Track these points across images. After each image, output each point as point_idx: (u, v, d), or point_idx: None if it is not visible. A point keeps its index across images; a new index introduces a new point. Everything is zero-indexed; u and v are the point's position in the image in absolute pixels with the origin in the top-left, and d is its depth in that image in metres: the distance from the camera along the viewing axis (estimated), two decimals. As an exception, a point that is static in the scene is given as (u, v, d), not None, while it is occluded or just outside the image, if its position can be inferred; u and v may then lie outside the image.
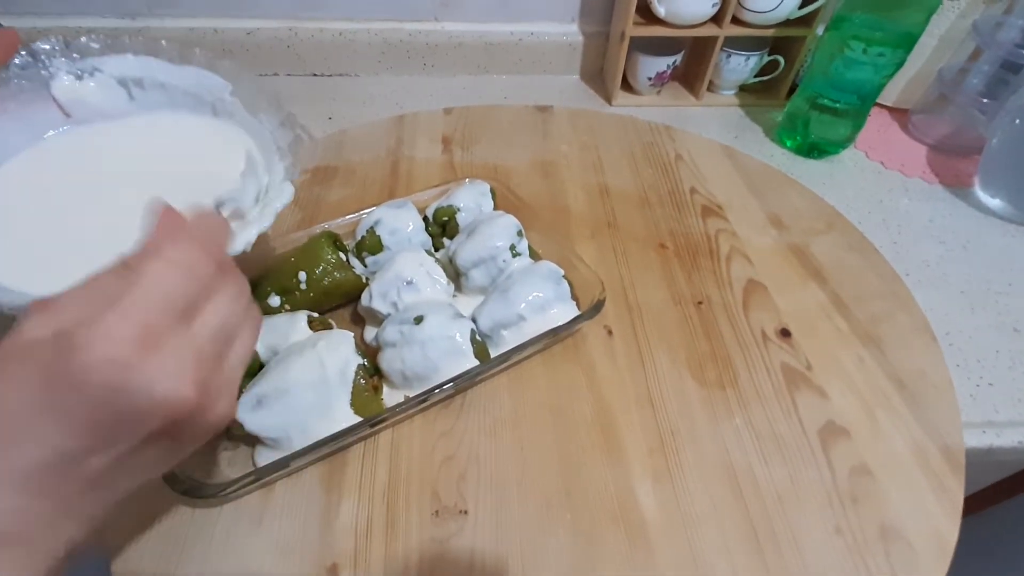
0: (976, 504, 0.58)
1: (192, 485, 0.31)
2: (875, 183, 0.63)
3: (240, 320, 0.25)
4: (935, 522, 0.35)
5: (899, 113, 0.72)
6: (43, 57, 0.39)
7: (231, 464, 0.36)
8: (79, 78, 0.40)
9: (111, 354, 0.19)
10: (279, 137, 0.38)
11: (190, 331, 0.22)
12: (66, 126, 0.40)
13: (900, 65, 0.58)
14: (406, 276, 0.41)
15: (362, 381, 0.36)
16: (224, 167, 0.38)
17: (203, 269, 0.23)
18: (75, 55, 0.40)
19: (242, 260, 0.29)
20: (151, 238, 0.23)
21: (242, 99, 0.41)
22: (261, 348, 0.38)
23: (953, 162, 0.66)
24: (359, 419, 0.35)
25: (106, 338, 0.20)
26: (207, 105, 0.41)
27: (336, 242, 0.44)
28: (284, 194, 0.34)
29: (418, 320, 0.38)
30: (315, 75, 0.76)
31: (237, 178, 0.32)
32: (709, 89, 0.75)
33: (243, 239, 0.31)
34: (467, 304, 0.44)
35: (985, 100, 0.64)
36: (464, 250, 0.44)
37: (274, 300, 0.42)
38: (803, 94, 0.64)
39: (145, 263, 0.22)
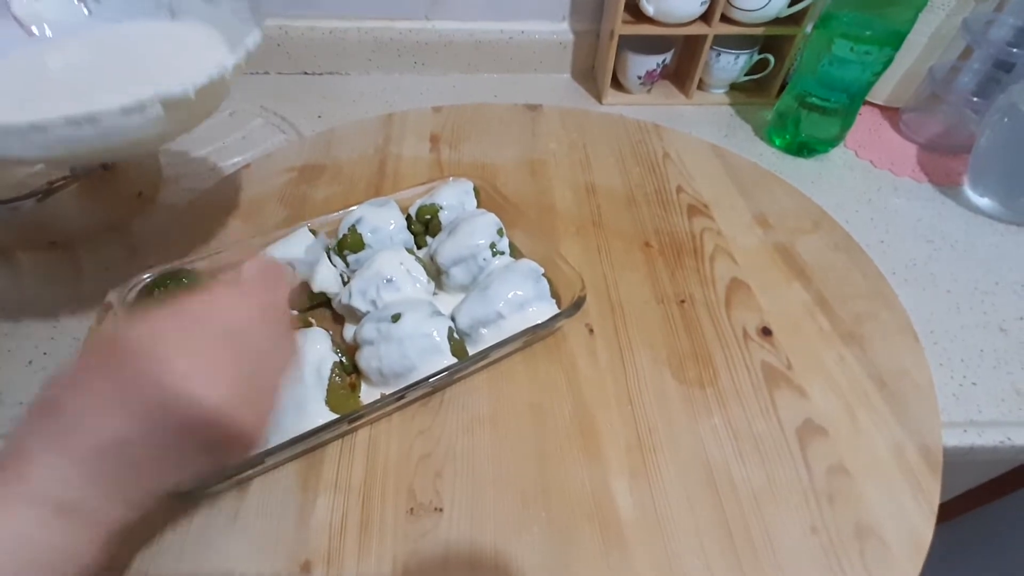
0: (957, 508, 0.58)
1: (165, 482, 0.31)
2: (864, 182, 0.63)
3: (286, 360, 0.29)
4: (911, 521, 0.34)
5: (890, 112, 0.72)
6: None
7: (207, 461, 0.36)
8: None
9: (183, 369, 0.23)
10: (238, 11, 0.40)
11: (246, 357, 0.26)
12: (30, 43, 0.41)
13: (888, 63, 0.57)
14: (386, 274, 0.41)
15: (338, 379, 0.36)
16: (184, 68, 0.39)
17: (278, 318, 0.28)
18: None
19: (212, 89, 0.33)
20: (245, 279, 0.29)
21: None
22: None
23: (943, 161, 0.66)
24: (335, 416, 0.35)
25: (183, 356, 0.24)
26: (164, 6, 0.42)
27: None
28: (253, 35, 0.37)
29: (395, 318, 0.38)
30: (305, 73, 0.76)
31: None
32: (699, 88, 0.75)
33: (218, 68, 0.33)
34: (448, 302, 0.44)
35: (976, 99, 0.63)
36: (445, 248, 0.44)
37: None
38: (792, 92, 0.64)
39: (239, 302, 0.27)
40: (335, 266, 0.44)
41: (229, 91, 0.38)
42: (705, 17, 0.67)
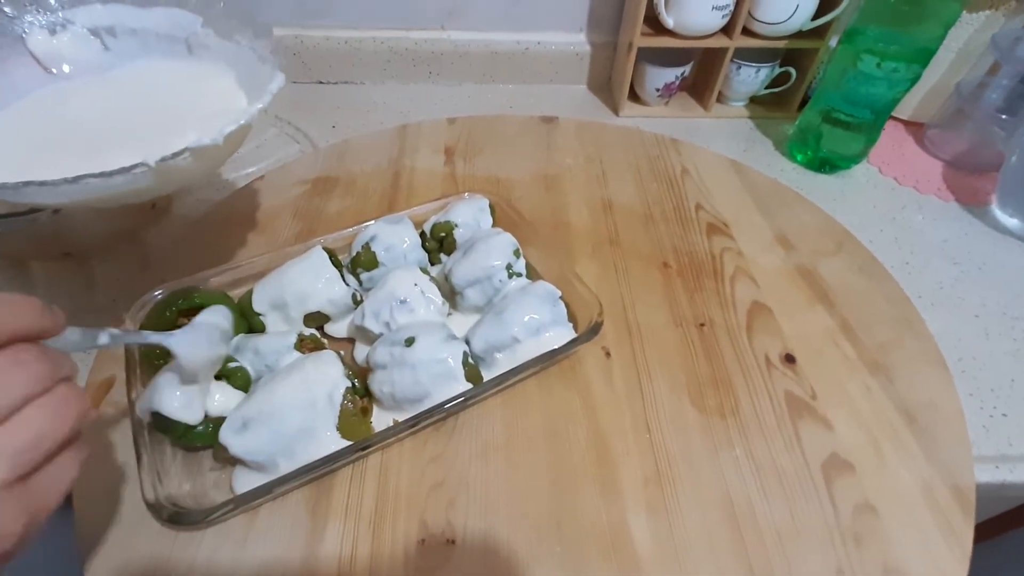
0: (984, 534, 0.56)
1: (175, 512, 0.31)
2: (888, 200, 0.62)
3: (57, 436, 0.22)
4: (942, 566, 0.33)
5: (914, 127, 0.70)
6: (13, 13, 0.39)
7: (216, 486, 0.35)
8: (52, 32, 0.40)
9: None
10: (259, 48, 0.40)
11: None
12: (49, 83, 0.41)
13: (915, 80, 0.56)
14: (400, 295, 0.40)
15: (350, 404, 0.35)
16: (201, 112, 0.39)
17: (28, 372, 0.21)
18: (44, 9, 0.40)
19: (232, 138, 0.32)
20: None
21: (215, 28, 0.42)
22: (250, 367, 0.38)
23: (970, 179, 0.64)
24: (346, 443, 0.34)
25: None
26: (181, 43, 0.42)
27: (331, 257, 0.44)
28: (276, 79, 0.36)
29: (409, 342, 0.37)
30: (320, 83, 0.76)
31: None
32: (718, 100, 0.73)
33: (246, 115, 0.33)
34: (462, 323, 0.43)
35: (1004, 116, 0.62)
36: (460, 269, 0.43)
37: (268, 316, 0.42)
38: (815, 107, 0.63)
39: None
40: (348, 284, 0.43)
41: (250, 131, 0.38)
42: (726, 30, 0.66)
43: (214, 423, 0.35)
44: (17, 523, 0.20)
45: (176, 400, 0.33)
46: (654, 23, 0.65)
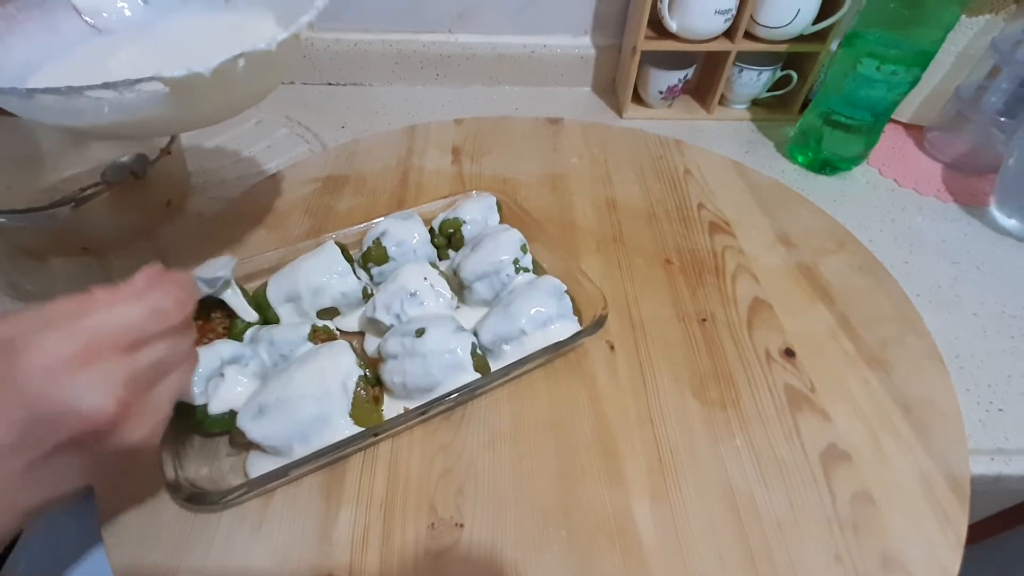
0: (982, 532, 0.57)
1: (194, 493, 0.32)
2: (888, 201, 0.63)
3: (179, 359, 0.28)
4: (938, 553, 0.34)
5: (914, 130, 0.71)
6: None
7: (233, 471, 0.36)
8: None
9: (44, 363, 0.22)
10: None
11: (130, 359, 0.25)
12: (92, 37, 0.41)
13: (915, 83, 0.57)
14: (410, 288, 0.41)
15: (363, 392, 0.36)
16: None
17: (169, 318, 0.27)
18: None
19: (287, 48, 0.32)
20: (136, 281, 0.27)
21: None
22: (266, 357, 0.39)
23: (969, 181, 0.65)
24: (359, 429, 0.36)
25: (44, 350, 0.23)
26: None
27: (343, 252, 0.45)
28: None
29: (419, 333, 0.38)
30: (330, 84, 0.77)
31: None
32: (721, 103, 0.75)
33: (296, 26, 0.33)
34: (470, 316, 0.44)
35: (1003, 119, 0.63)
36: (468, 263, 0.44)
37: (282, 308, 0.43)
38: (816, 110, 0.64)
39: (122, 302, 0.25)
40: (359, 278, 0.44)
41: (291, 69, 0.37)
42: (728, 34, 0.67)
43: (231, 410, 0.36)
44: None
45: (195, 387, 0.34)
46: (658, 27, 0.67)
